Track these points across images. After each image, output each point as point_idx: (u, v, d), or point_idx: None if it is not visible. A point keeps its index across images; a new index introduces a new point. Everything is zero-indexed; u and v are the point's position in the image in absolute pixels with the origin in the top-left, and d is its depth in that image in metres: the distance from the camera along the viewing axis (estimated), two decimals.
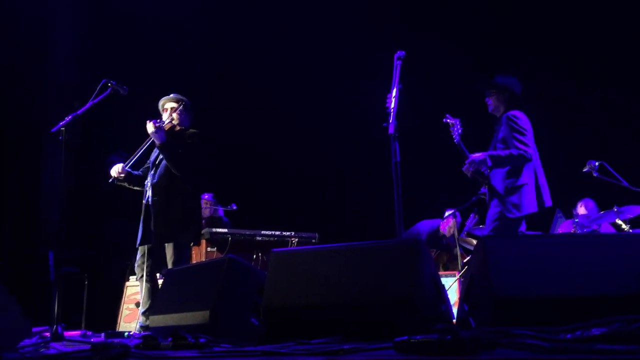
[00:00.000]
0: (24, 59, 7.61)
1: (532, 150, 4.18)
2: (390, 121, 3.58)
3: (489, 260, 2.35)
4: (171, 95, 4.59)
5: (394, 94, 3.66)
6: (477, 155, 4.19)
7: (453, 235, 6.48)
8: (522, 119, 4.26)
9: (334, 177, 8.19)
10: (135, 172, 4.53)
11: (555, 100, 7.48)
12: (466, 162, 4.21)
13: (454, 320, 2.73)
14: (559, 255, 2.40)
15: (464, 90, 7.68)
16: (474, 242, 5.74)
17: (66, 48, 7.99)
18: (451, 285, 5.84)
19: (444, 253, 6.57)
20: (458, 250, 5.80)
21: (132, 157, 4.47)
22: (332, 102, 8.25)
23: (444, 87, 7.66)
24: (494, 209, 4.21)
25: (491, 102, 4.43)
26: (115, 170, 4.42)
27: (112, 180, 4.44)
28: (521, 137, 4.16)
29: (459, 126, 4.23)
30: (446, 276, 5.98)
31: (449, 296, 3.48)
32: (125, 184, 4.52)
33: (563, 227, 6.13)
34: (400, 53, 3.75)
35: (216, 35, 8.39)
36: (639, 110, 7.04)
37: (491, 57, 7.65)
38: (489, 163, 4.17)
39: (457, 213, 6.59)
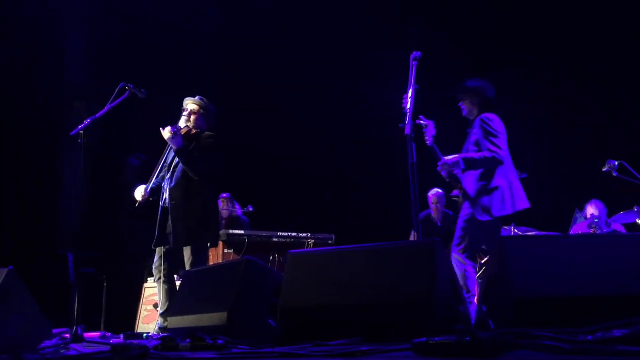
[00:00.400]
0: (44, 62, 7.70)
1: (504, 153, 4.18)
2: (407, 122, 3.57)
3: (508, 261, 2.34)
4: (196, 98, 4.62)
5: (410, 94, 3.65)
6: (450, 157, 4.19)
7: (439, 210, 6.70)
8: (496, 121, 4.26)
9: (351, 179, 8.18)
10: (155, 187, 4.54)
11: (570, 99, 7.41)
12: (439, 164, 4.22)
13: (473, 322, 2.71)
14: (578, 255, 2.38)
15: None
16: None
17: (84, 50, 8.08)
18: None
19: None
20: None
21: (152, 177, 4.48)
22: (348, 102, 8.25)
23: (442, 86, 7.62)
24: (465, 211, 4.22)
25: (465, 106, 4.44)
26: (140, 194, 4.45)
27: (139, 204, 4.47)
28: (494, 140, 4.16)
29: (432, 128, 4.19)
30: None
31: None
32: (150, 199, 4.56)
33: (578, 227, 6.06)
34: (416, 54, 3.74)
35: (225, 37, 8.44)
36: None
37: (493, 56, 7.61)
38: (462, 166, 4.17)
39: (440, 193, 6.73)
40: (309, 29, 8.02)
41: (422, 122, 4.15)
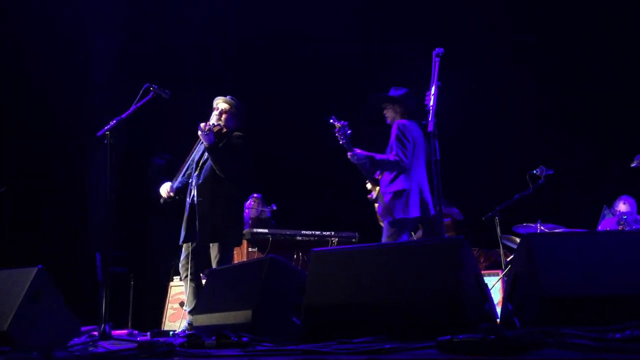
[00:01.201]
0: (69, 64, 7.82)
1: (408, 161, 4.38)
2: (430, 119, 3.55)
3: (535, 259, 2.31)
4: (227, 97, 4.66)
5: (432, 91, 3.63)
6: (358, 152, 4.37)
7: None
8: (410, 129, 4.44)
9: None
10: (180, 186, 4.58)
11: (599, 94, 7.29)
12: (348, 154, 4.39)
13: (498, 320, 2.69)
14: (606, 252, 2.34)
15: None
16: (518, 240, 5.63)
17: (109, 51, 8.19)
18: (494, 285, 5.75)
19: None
20: (501, 249, 5.70)
21: (178, 174, 4.54)
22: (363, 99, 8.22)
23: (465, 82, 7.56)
24: (379, 211, 4.51)
25: (387, 115, 4.63)
26: (165, 190, 4.50)
27: (164, 200, 4.52)
28: (401, 146, 4.37)
29: (347, 129, 4.35)
30: (489, 275, 5.89)
31: (493, 296, 3.43)
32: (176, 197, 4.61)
33: (606, 223, 5.96)
34: (438, 50, 3.72)
35: (247, 36, 8.48)
36: None
37: (520, 49, 7.52)
38: (367, 164, 4.39)
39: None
40: (330, 24, 8.03)
41: (334, 122, 4.33)
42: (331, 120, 4.36)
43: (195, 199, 4.41)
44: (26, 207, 6.98)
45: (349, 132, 4.35)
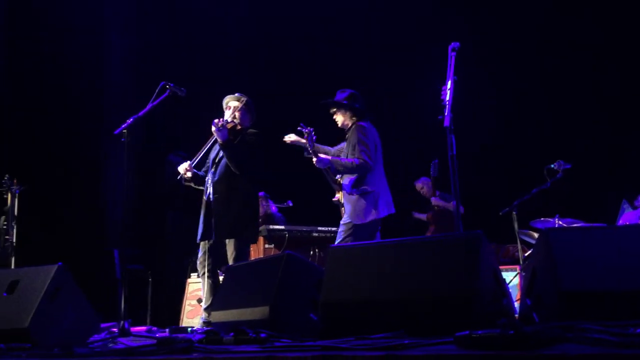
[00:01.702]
0: (85, 62, 7.89)
1: (372, 162, 4.52)
2: (446, 114, 3.53)
3: (554, 254, 2.29)
4: (235, 94, 4.68)
5: (448, 86, 3.61)
6: (323, 158, 4.54)
7: (430, 195, 7.11)
8: (369, 130, 4.60)
9: (390, 172, 8.13)
10: (200, 173, 4.62)
11: (617, 87, 7.20)
12: (315, 160, 4.55)
13: (516, 315, 2.67)
14: (625, 247, 2.31)
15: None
16: (536, 235, 5.59)
17: (124, 49, 8.25)
18: (512, 280, 5.71)
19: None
20: (519, 245, 5.66)
21: (196, 156, 4.57)
22: (387, 93, 8.21)
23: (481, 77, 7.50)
24: (345, 216, 4.58)
25: (337, 119, 4.75)
26: (183, 167, 4.53)
27: (180, 177, 4.55)
28: (365, 148, 4.49)
29: (313, 135, 4.56)
30: (506, 270, 5.85)
31: (510, 291, 3.41)
32: (192, 184, 4.63)
33: (626, 217, 5.89)
34: (454, 44, 3.70)
35: (259, 31, 8.48)
36: None
37: (538, 44, 7.44)
38: (332, 169, 4.55)
39: (423, 179, 7.24)
40: (346, 18, 8.02)
41: (303, 129, 4.52)
42: (299, 128, 4.56)
43: (211, 196, 4.43)
44: (45, 206, 7.06)
45: (314, 137, 4.56)
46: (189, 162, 4.55)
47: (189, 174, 4.51)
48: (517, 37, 7.67)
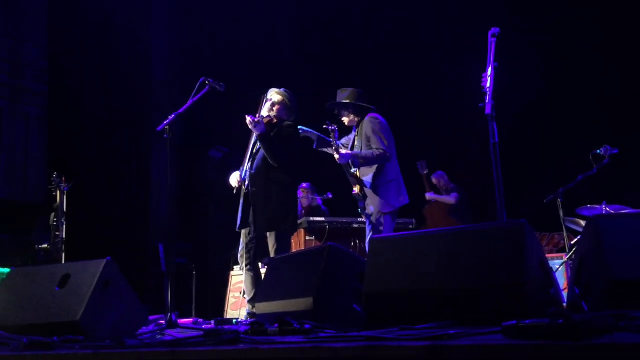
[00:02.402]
0: (132, 60, 8.05)
1: (391, 151, 4.63)
2: (487, 101, 3.46)
3: (602, 241, 2.24)
4: (281, 89, 4.70)
5: (489, 72, 3.54)
6: (345, 153, 4.61)
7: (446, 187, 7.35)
8: (382, 121, 4.71)
9: (430, 161, 8.06)
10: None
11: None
12: (337, 159, 4.63)
13: (565, 305, 2.62)
14: None
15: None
16: (582, 222, 5.46)
17: (169, 48, 8.39)
18: (558, 269, 5.60)
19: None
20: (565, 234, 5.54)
21: (243, 164, 4.56)
22: (426, 81, 8.13)
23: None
24: (369, 207, 4.63)
25: (344, 118, 4.84)
26: (235, 180, 4.55)
27: (235, 190, 4.58)
28: (381, 138, 4.60)
29: (336, 133, 4.64)
30: (553, 259, 5.73)
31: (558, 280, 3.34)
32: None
33: None
34: (494, 30, 3.62)
35: (300, 26, 8.49)
36: None
37: (577, 31, 7.24)
38: (356, 162, 4.63)
39: (440, 173, 7.39)
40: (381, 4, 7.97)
41: (329, 127, 4.60)
42: (325, 126, 4.63)
43: (249, 188, 4.47)
44: (93, 202, 7.26)
45: (337, 135, 4.66)
46: (238, 173, 4.56)
47: (240, 184, 4.55)
48: (558, 20, 7.47)
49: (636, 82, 7.12)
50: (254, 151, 4.57)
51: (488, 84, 3.48)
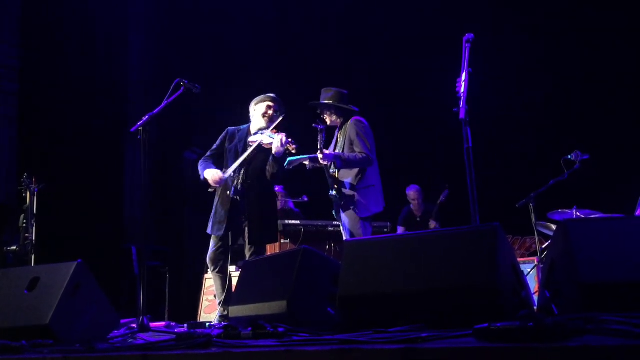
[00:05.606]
0: (107, 60, 7.95)
1: (373, 155, 4.60)
2: (461, 106, 3.50)
3: (572, 245, 2.27)
4: (272, 95, 4.66)
5: (463, 78, 3.58)
6: (329, 153, 4.52)
7: (419, 204, 7.43)
8: (366, 124, 4.68)
9: (404, 165, 8.11)
10: (225, 176, 4.53)
11: (634, 77, 7.10)
12: (319, 154, 4.51)
13: (535, 308, 2.65)
14: None
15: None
16: (553, 227, 5.55)
17: (145, 48, 8.30)
18: (530, 272, 5.67)
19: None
20: (536, 237, 5.62)
21: (233, 168, 4.45)
22: (402, 86, 8.18)
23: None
24: (348, 211, 4.56)
25: (327, 117, 4.76)
26: (212, 176, 4.43)
27: (213, 190, 4.51)
28: (364, 142, 4.57)
29: (324, 133, 4.56)
30: (524, 263, 5.81)
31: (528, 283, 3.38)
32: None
33: None
34: (469, 36, 3.66)
35: (279, 30, 8.49)
36: None
37: (566, 33, 7.35)
38: (338, 163, 4.54)
39: (417, 188, 7.42)
40: (361, 11, 8.00)
41: (317, 127, 4.52)
42: (314, 125, 4.57)
43: (239, 195, 4.39)
44: (64, 204, 7.13)
45: (324, 136, 4.58)
46: (220, 172, 4.45)
47: (220, 185, 4.46)
48: (531, 27, 7.59)
49: (606, 89, 7.27)
50: (247, 158, 4.49)
51: (462, 89, 3.52)
